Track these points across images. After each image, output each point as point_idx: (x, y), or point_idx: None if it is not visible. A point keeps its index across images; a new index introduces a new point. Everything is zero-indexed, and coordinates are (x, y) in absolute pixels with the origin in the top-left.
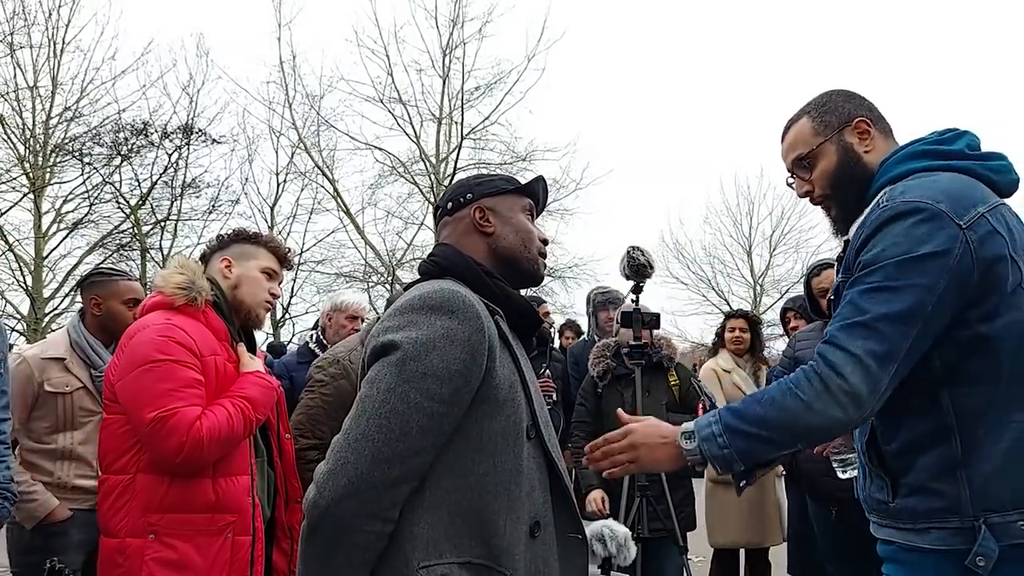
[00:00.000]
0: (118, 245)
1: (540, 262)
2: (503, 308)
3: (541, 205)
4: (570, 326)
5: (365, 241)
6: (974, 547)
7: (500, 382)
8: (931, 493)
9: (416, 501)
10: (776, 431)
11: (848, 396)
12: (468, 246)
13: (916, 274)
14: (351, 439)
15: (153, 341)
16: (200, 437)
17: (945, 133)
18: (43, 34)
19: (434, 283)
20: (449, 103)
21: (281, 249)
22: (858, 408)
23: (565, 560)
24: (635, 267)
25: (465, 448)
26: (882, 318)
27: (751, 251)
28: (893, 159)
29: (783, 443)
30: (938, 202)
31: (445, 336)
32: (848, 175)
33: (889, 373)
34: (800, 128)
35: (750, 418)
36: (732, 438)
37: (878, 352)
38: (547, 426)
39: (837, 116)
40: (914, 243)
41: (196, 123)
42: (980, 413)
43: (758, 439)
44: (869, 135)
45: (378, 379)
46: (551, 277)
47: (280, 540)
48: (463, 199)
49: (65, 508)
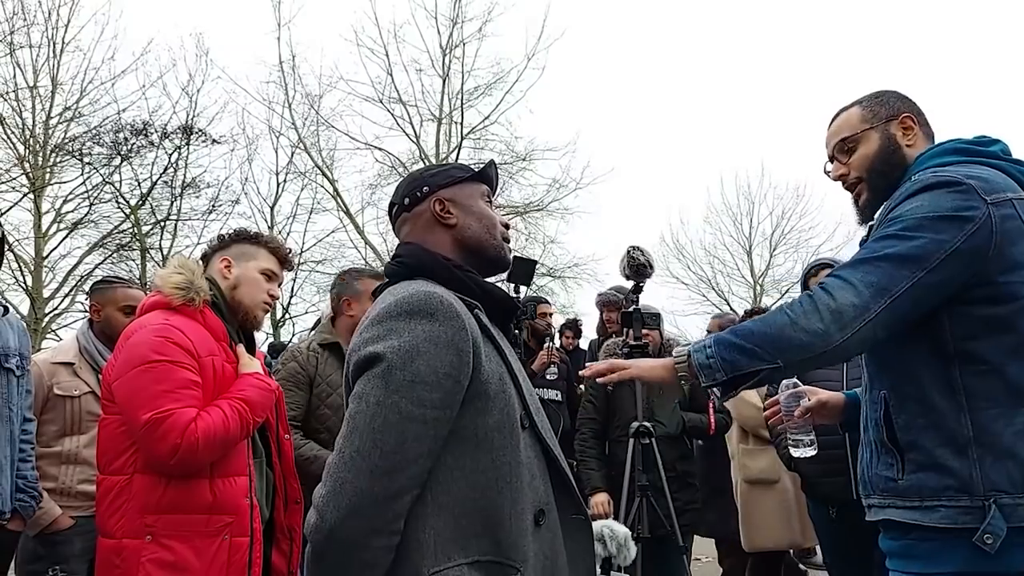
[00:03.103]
0: (118, 245)
1: (505, 247)
2: (479, 300)
3: (495, 188)
4: (570, 326)
5: (365, 241)
6: (982, 525)
7: (489, 377)
8: (941, 470)
9: (419, 508)
10: (759, 342)
11: (832, 313)
12: (432, 241)
13: (932, 230)
14: (346, 458)
15: (150, 341)
16: (195, 439)
17: (981, 138)
18: (43, 34)
19: (407, 286)
20: (449, 103)
21: (281, 250)
22: (840, 328)
23: (571, 543)
24: (635, 267)
25: (462, 448)
26: (887, 256)
27: (751, 251)
28: (928, 153)
29: (764, 356)
30: (969, 178)
31: (428, 340)
32: (886, 162)
33: (881, 305)
34: (849, 115)
35: (740, 331)
36: (719, 348)
37: (874, 282)
38: (539, 413)
39: (887, 109)
40: (938, 207)
41: (196, 123)
42: (992, 393)
43: (741, 350)
44: (913, 132)
45: (365, 393)
46: (551, 277)
47: (279, 541)
48: (420, 193)
49: (67, 517)
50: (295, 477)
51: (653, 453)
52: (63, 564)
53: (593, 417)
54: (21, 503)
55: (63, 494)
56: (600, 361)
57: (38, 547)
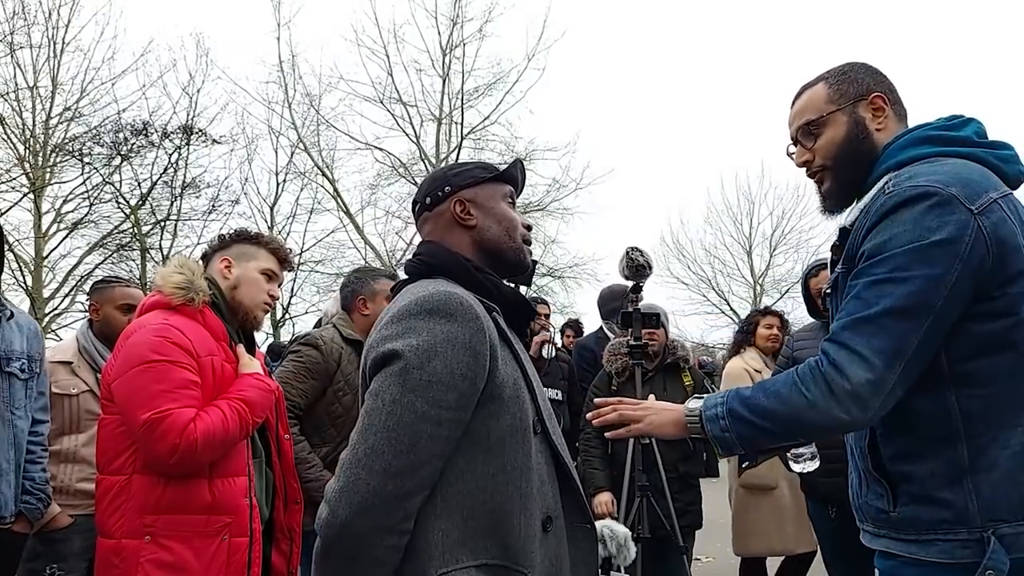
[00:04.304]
0: (118, 245)
1: (525, 250)
2: (497, 303)
3: (519, 189)
4: (571, 325)
5: (365, 241)
6: (983, 560)
7: (504, 381)
8: (936, 502)
9: (429, 508)
10: (778, 425)
11: (851, 397)
12: (452, 241)
13: (925, 264)
14: (360, 454)
15: (149, 341)
16: (194, 439)
17: (952, 119)
18: (43, 34)
19: (427, 285)
20: (449, 103)
21: (282, 251)
22: (862, 409)
23: (575, 550)
24: (634, 267)
25: (474, 450)
26: (888, 312)
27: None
28: (897, 144)
29: (783, 436)
30: (948, 186)
31: (446, 341)
32: (853, 149)
33: (896, 371)
34: (814, 94)
35: (755, 408)
36: (734, 423)
37: (884, 349)
38: (550, 419)
39: (855, 87)
40: (923, 231)
41: (196, 123)
42: (989, 416)
43: (760, 429)
44: (883, 113)
45: (382, 391)
46: (551, 277)
47: (279, 541)
48: (441, 192)
49: (66, 516)
50: (295, 477)
51: (653, 453)
52: (61, 562)
53: None
54: (27, 505)
55: (61, 492)
56: (607, 408)
57: (37, 545)
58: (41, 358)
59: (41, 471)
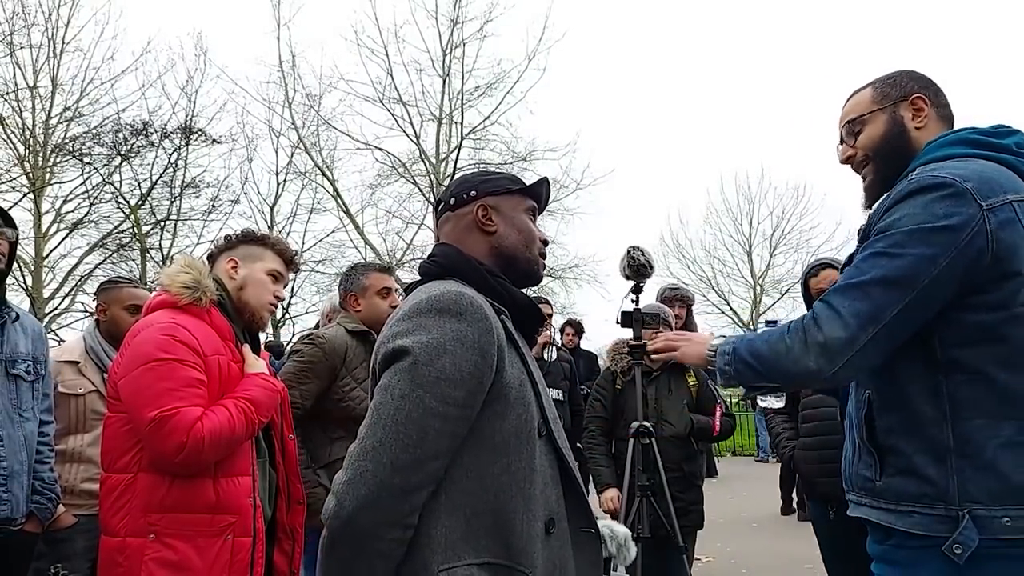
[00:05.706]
0: (118, 245)
1: (540, 263)
2: (507, 307)
3: (543, 207)
4: (571, 323)
5: (365, 241)
6: (953, 535)
7: (510, 381)
8: (919, 477)
9: (433, 504)
10: (764, 366)
11: (820, 348)
12: (469, 244)
13: (921, 244)
14: (368, 447)
15: (156, 340)
16: (201, 438)
17: (998, 127)
18: (43, 34)
19: (440, 285)
20: (449, 103)
21: (288, 252)
22: (829, 362)
23: (579, 554)
24: (635, 267)
25: (479, 449)
26: (874, 281)
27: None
28: (937, 142)
29: (767, 377)
30: (966, 180)
31: (456, 339)
32: (891, 145)
33: (869, 334)
34: (860, 96)
35: (752, 349)
36: (736, 360)
37: (861, 311)
38: (555, 422)
39: (897, 90)
40: (929, 216)
41: (195, 123)
42: (979, 404)
43: (751, 367)
44: (923, 113)
45: (391, 385)
46: (551, 277)
47: (281, 541)
48: (467, 196)
49: (70, 515)
50: (298, 477)
51: (653, 453)
52: (65, 562)
53: (601, 415)
54: (38, 505)
55: (66, 492)
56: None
57: (41, 544)
58: (46, 359)
59: (49, 471)
